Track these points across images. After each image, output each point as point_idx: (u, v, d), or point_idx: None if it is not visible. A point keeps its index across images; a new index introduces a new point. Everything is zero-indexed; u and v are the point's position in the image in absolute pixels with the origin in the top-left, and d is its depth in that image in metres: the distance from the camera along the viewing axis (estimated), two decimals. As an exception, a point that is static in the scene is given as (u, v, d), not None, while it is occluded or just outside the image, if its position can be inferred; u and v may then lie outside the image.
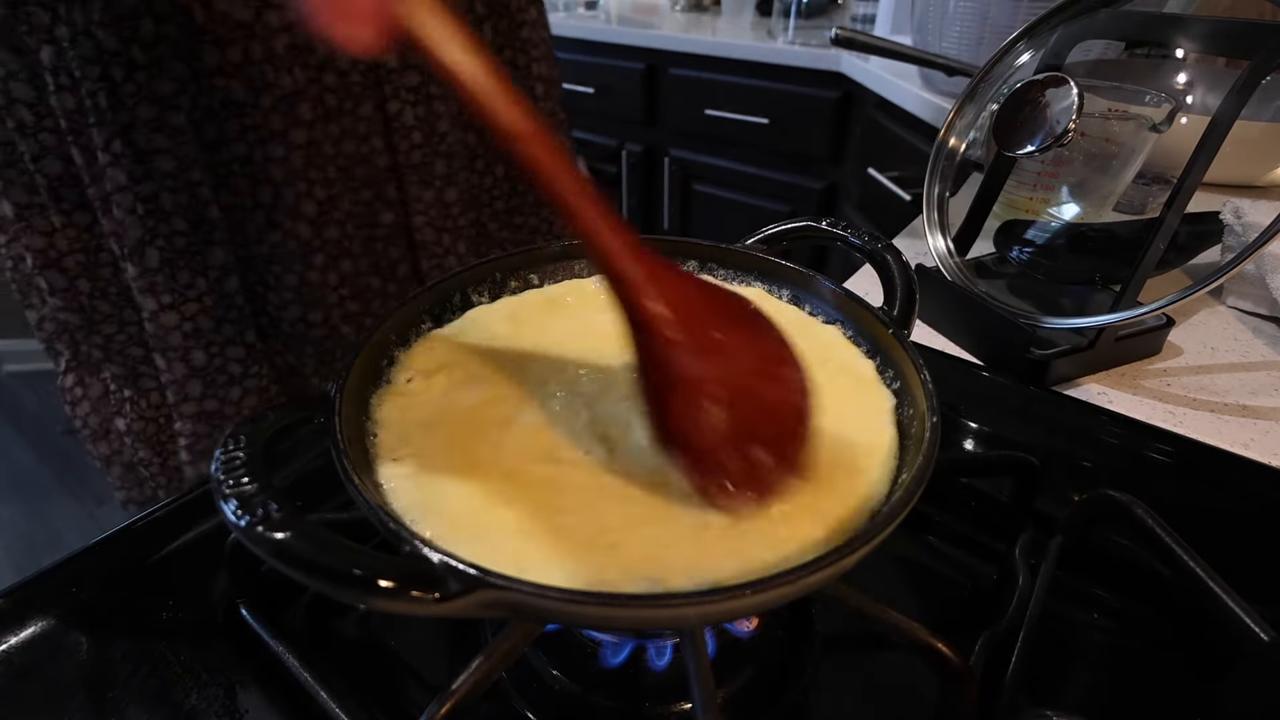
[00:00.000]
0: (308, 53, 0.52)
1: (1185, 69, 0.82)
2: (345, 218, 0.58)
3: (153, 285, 0.53)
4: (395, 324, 0.36)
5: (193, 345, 0.55)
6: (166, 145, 0.50)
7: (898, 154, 1.29)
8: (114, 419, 0.61)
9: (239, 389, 0.59)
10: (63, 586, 0.36)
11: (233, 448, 0.24)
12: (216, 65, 0.49)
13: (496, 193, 0.69)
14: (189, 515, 0.41)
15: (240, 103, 0.51)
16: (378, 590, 0.21)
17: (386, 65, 0.55)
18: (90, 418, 0.62)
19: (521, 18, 0.65)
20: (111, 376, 0.59)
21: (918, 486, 0.26)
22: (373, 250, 0.61)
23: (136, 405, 0.59)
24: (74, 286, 0.54)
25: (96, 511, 1.75)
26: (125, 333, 0.57)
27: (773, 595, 0.22)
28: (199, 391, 0.57)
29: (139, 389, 0.59)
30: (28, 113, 0.48)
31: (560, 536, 0.27)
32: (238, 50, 0.50)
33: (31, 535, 1.70)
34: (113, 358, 0.58)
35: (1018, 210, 0.63)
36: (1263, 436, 0.49)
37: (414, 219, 0.62)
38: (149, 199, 0.50)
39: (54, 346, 0.59)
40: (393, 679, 0.34)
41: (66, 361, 0.60)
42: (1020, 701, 0.32)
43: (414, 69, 0.57)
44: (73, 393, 0.61)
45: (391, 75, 0.56)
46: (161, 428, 0.61)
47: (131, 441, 0.61)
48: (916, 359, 0.32)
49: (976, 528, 0.43)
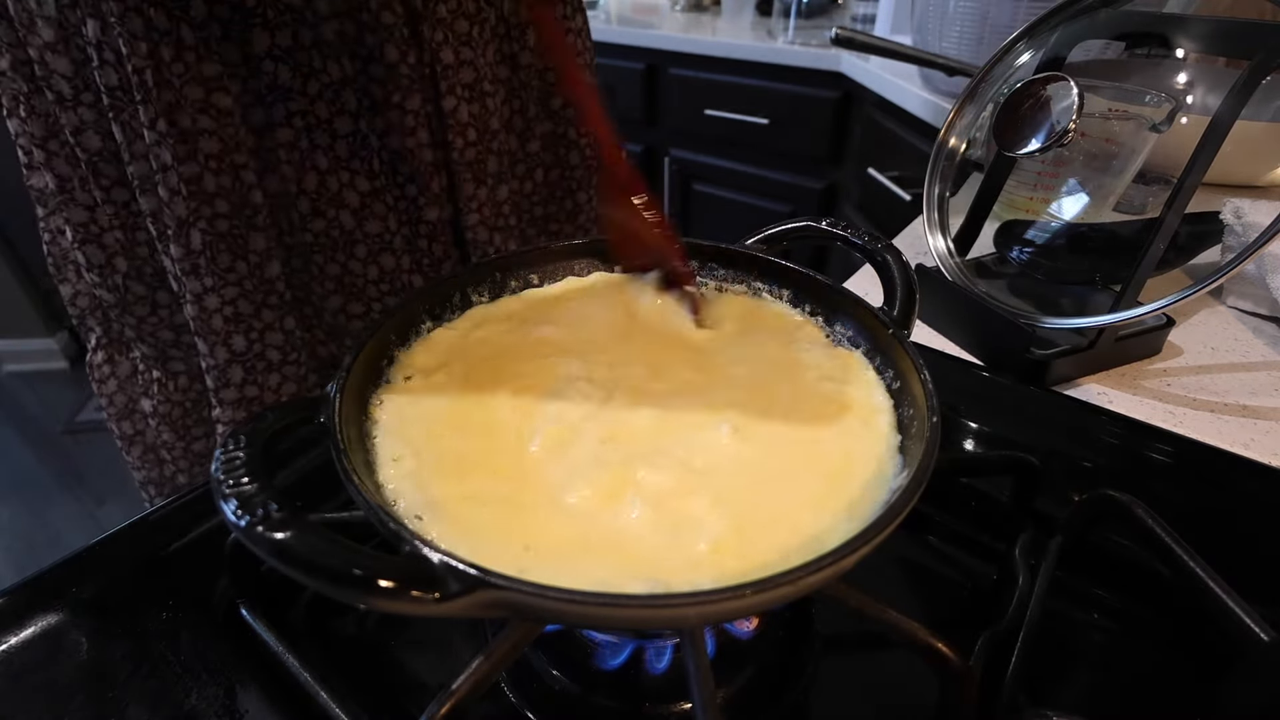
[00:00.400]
0: (356, 43, 0.52)
1: (1185, 69, 0.82)
2: (388, 211, 0.58)
3: (195, 267, 0.52)
4: (395, 324, 0.36)
5: (233, 330, 0.55)
6: (212, 127, 0.50)
7: (898, 154, 1.29)
8: (140, 399, 0.62)
9: (278, 375, 0.59)
10: (63, 586, 0.36)
11: (233, 448, 0.24)
12: (266, 49, 0.49)
13: (536, 199, 0.69)
14: (189, 515, 0.41)
15: (287, 88, 0.51)
16: (378, 590, 0.21)
17: (442, 61, 0.55)
18: (116, 396, 0.62)
19: (566, 25, 0.65)
20: (141, 357, 0.60)
21: (918, 486, 0.26)
22: (416, 247, 0.61)
23: (164, 388, 0.60)
24: (111, 264, 0.54)
25: (96, 511, 1.75)
26: (157, 315, 0.57)
27: (773, 595, 0.22)
28: (240, 377, 0.57)
29: (168, 371, 0.60)
30: (66, 86, 0.48)
31: (561, 536, 0.27)
32: (287, 35, 0.49)
33: (31, 535, 1.70)
34: (145, 338, 0.58)
35: (1018, 210, 0.63)
36: (1263, 436, 0.49)
37: (467, 217, 0.61)
38: (193, 180, 0.50)
39: (86, 323, 0.60)
40: (393, 679, 0.34)
41: (97, 338, 0.60)
42: (1020, 701, 0.32)
43: (468, 65, 0.56)
44: (101, 370, 0.61)
45: (448, 71, 0.55)
46: (187, 411, 0.61)
47: (156, 424, 0.61)
48: (916, 359, 0.32)
49: (976, 528, 0.43)
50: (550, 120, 0.66)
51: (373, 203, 0.57)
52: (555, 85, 0.65)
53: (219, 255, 0.53)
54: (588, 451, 0.31)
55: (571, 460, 0.31)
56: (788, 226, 0.43)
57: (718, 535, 0.27)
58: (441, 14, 0.54)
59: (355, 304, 0.60)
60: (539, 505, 0.29)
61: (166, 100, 0.47)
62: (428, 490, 0.28)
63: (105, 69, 0.47)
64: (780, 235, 0.42)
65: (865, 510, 0.28)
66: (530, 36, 0.61)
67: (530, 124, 0.65)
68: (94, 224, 0.53)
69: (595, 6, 2.02)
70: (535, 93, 0.64)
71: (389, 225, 0.58)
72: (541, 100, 0.65)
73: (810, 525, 0.28)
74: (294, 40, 0.50)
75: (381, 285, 0.60)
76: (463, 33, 0.55)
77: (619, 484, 0.29)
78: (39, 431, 2.01)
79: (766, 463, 0.31)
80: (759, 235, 0.43)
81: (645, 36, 1.73)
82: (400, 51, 0.53)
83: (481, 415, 0.33)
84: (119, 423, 0.63)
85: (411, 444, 0.31)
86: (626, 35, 1.76)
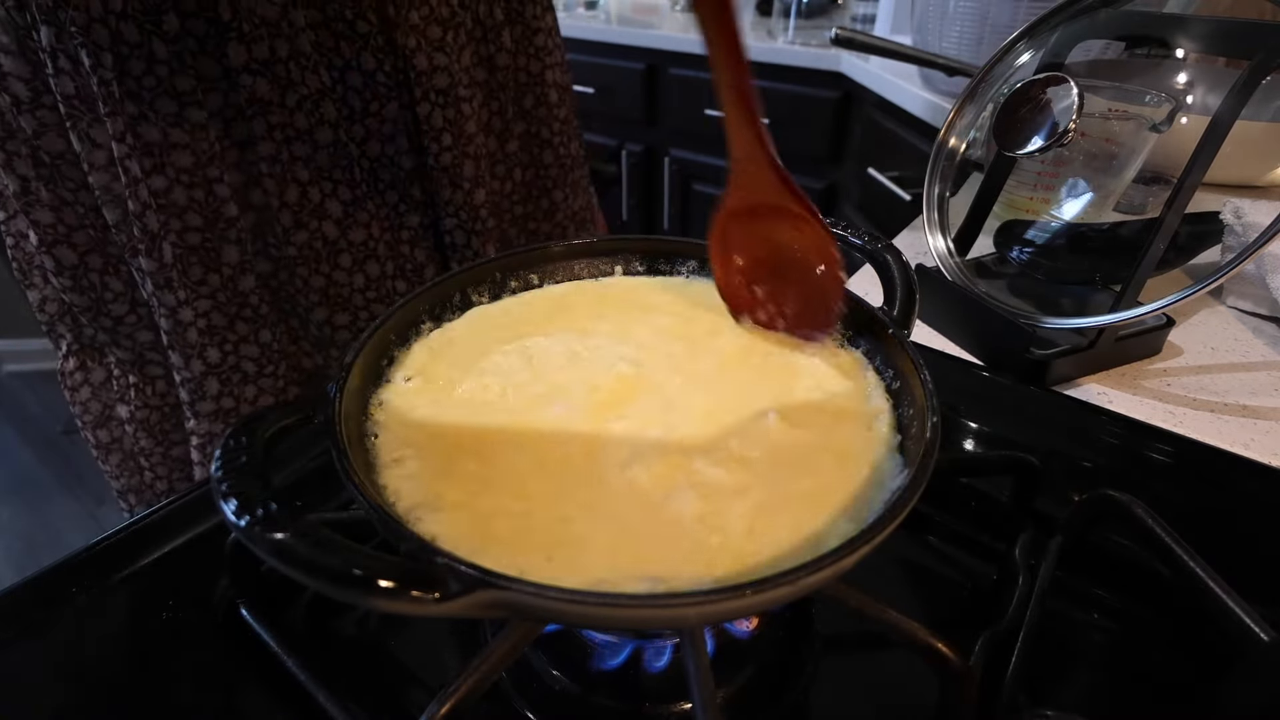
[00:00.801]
0: (333, 52, 0.52)
1: (1185, 69, 0.82)
2: (370, 219, 0.58)
3: (168, 280, 0.52)
4: (395, 324, 0.36)
5: (208, 342, 0.55)
6: (185, 140, 0.49)
7: (898, 154, 1.29)
8: (116, 406, 0.61)
9: (254, 388, 0.58)
10: (63, 586, 0.36)
11: (233, 447, 0.24)
12: (243, 63, 0.49)
13: (515, 198, 0.70)
14: (189, 515, 0.40)
15: (266, 101, 0.51)
16: (378, 590, 0.21)
17: (415, 67, 0.55)
18: (91, 404, 0.61)
19: (537, 25, 0.65)
20: (116, 362, 0.59)
21: (918, 487, 0.26)
22: (399, 253, 0.61)
23: (141, 392, 0.59)
24: (85, 263, 0.53)
25: (96, 511, 1.75)
26: (136, 314, 0.56)
27: (773, 595, 0.22)
28: (216, 389, 0.56)
29: (144, 376, 0.58)
30: (23, 88, 0.47)
31: (561, 537, 0.27)
32: (264, 47, 0.49)
33: (31, 535, 1.70)
34: (120, 342, 0.57)
35: (1018, 210, 0.63)
36: (1263, 436, 0.49)
37: (444, 221, 0.62)
38: (162, 193, 0.50)
39: (55, 329, 0.58)
40: (393, 679, 0.34)
41: (68, 345, 0.59)
42: (1020, 701, 0.32)
43: (442, 71, 0.56)
44: (73, 378, 0.60)
45: (421, 78, 0.55)
46: (166, 416, 0.60)
47: (134, 430, 0.60)
48: (917, 359, 0.32)
49: (976, 528, 0.43)
50: (525, 120, 0.67)
51: (355, 211, 0.57)
52: (527, 85, 0.65)
53: (191, 268, 0.52)
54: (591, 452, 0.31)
55: (574, 460, 0.31)
56: (788, 226, 0.42)
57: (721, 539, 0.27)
58: (414, 20, 0.54)
59: (341, 314, 0.60)
60: (540, 505, 0.29)
61: (131, 113, 0.47)
62: (428, 490, 0.28)
63: (61, 77, 0.46)
64: (780, 235, 0.42)
65: (865, 511, 0.28)
66: (506, 38, 0.62)
67: (509, 124, 0.65)
68: (61, 224, 0.52)
69: (595, 6, 2.02)
70: (511, 93, 0.64)
71: (372, 233, 0.58)
72: (517, 100, 0.65)
73: (810, 525, 0.28)
74: (271, 53, 0.50)
75: (368, 293, 0.60)
76: (436, 38, 0.56)
77: (622, 484, 0.30)
78: (39, 431, 2.01)
79: (766, 462, 0.31)
80: (759, 235, 0.43)
81: (645, 36, 1.73)
82: (376, 60, 0.53)
83: (482, 416, 0.33)
84: (94, 430, 0.62)
85: (412, 444, 0.31)
86: (626, 35, 1.76)
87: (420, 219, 0.61)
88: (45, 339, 0.60)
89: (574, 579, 0.25)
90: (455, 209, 0.61)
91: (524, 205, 0.71)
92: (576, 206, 0.75)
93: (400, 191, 0.59)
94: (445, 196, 0.60)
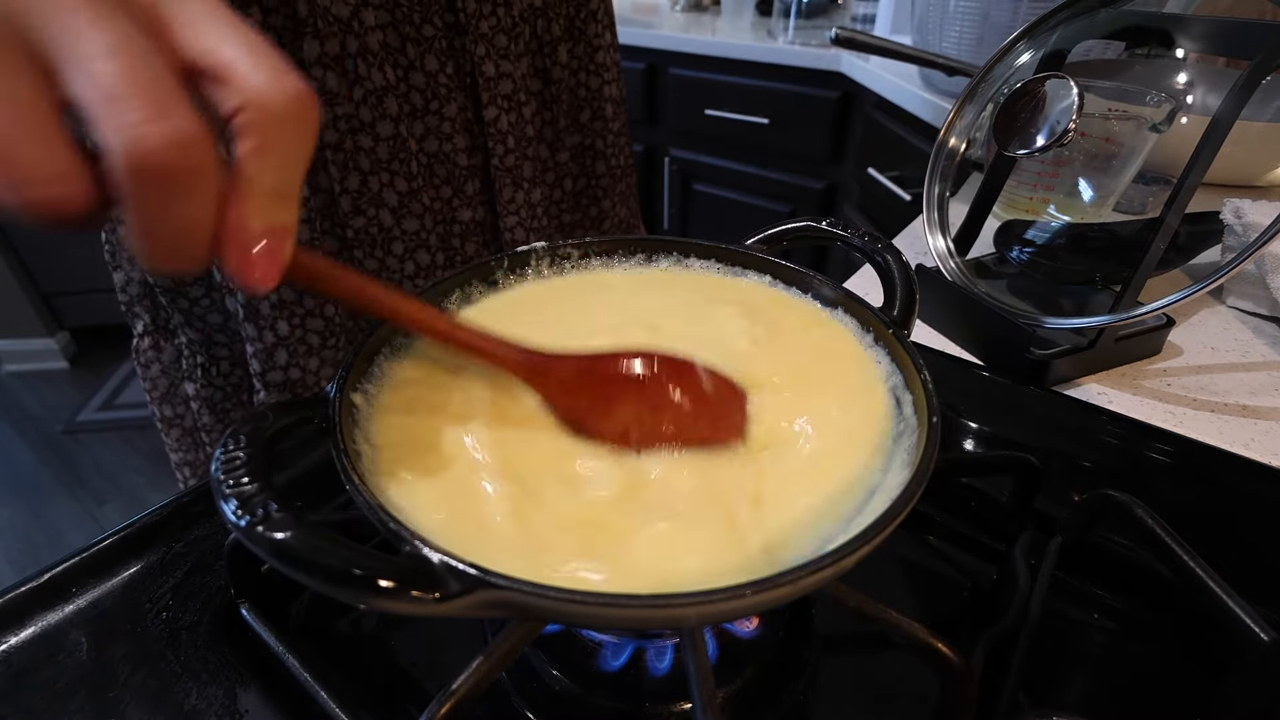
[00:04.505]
0: (399, 52, 0.55)
1: (1185, 69, 0.82)
2: (424, 211, 0.61)
3: None
4: (395, 324, 0.36)
5: (279, 315, 0.58)
6: None
7: (898, 154, 1.29)
8: (183, 383, 0.65)
9: (317, 359, 0.61)
10: (63, 586, 0.36)
11: (233, 448, 0.24)
12: (315, 57, 0.52)
13: (564, 206, 0.73)
14: (189, 515, 0.41)
15: (334, 93, 0.54)
16: (378, 590, 0.21)
17: (484, 74, 0.58)
18: (159, 380, 0.66)
19: (597, 42, 0.67)
20: (186, 342, 0.63)
21: (918, 486, 0.26)
22: (449, 245, 0.64)
23: (207, 372, 0.63)
24: None
25: (96, 511, 1.76)
26: (210, 297, 0.60)
27: (773, 595, 0.22)
28: (284, 360, 0.60)
29: (211, 356, 0.63)
30: None
31: (561, 536, 0.27)
32: (335, 43, 0.52)
33: (31, 535, 1.70)
34: (192, 323, 0.61)
35: (1018, 210, 0.63)
36: (1263, 436, 0.49)
37: (506, 219, 0.65)
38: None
39: (134, 309, 0.63)
40: (393, 679, 0.34)
41: (144, 325, 0.64)
42: (1020, 701, 0.32)
43: (507, 77, 0.60)
44: (146, 354, 0.65)
45: (489, 83, 0.59)
46: (228, 395, 0.64)
47: (198, 407, 0.64)
48: (917, 359, 0.32)
49: (976, 528, 0.43)
50: (580, 133, 0.70)
51: (410, 203, 0.60)
52: (585, 100, 0.68)
53: None
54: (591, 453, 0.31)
55: (574, 460, 0.31)
56: (788, 226, 0.43)
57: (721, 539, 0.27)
58: (483, 30, 0.58)
59: None
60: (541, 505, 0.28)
61: None
62: (428, 490, 0.28)
63: None
64: (780, 235, 0.42)
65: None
66: (563, 53, 0.65)
67: (560, 135, 0.69)
68: None
69: (595, 6, 2.02)
70: (565, 106, 0.67)
71: (424, 224, 0.62)
72: (573, 114, 0.68)
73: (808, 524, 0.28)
74: (341, 49, 0.53)
75: (418, 280, 0.64)
76: (502, 47, 0.59)
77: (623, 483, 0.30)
78: (39, 431, 2.01)
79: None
80: (759, 235, 0.43)
81: (645, 36, 1.73)
82: (439, 62, 0.57)
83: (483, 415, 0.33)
84: (160, 406, 0.67)
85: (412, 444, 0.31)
86: (626, 35, 1.76)
87: (472, 215, 0.64)
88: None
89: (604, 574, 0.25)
90: (517, 207, 0.65)
91: (572, 214, 0.74)
92: (623, 215, 0.78)
93: (454, 187, 0.62)
94: (507, 196, 0.64)
